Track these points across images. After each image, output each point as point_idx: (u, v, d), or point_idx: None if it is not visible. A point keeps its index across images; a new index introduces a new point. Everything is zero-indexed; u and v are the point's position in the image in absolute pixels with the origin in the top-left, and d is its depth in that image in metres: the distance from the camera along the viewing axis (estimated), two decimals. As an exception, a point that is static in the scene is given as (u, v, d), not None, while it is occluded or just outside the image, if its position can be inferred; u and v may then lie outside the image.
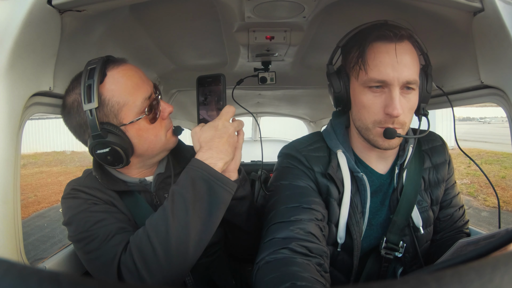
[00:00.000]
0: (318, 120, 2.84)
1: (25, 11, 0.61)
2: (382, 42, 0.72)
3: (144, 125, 0.76)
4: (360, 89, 0.76)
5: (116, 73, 0.73)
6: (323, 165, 0.83)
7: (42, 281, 0.18)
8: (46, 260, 0.86)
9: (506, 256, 0.21)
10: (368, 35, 0.73)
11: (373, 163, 0.86)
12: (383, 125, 0.75)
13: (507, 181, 7.11)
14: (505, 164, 8.05)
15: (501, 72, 0.77)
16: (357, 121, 0.81)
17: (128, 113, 0.73)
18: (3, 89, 0.61)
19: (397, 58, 0.71)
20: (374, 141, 0.78)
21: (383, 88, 0.74)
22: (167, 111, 0.81)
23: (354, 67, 0.76)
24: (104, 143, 0.71)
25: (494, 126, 15.70)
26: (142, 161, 0.82)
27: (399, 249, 0.82)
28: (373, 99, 0.75)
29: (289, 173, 0.84)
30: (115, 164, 0.76)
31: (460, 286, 0.18)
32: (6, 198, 0.63)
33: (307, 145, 0.88)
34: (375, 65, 0.72)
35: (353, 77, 0.78)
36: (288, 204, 0.78)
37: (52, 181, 9.18)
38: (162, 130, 0.80)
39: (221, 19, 0.94)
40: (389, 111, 0.72)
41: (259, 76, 1.32)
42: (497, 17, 0.69)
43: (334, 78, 0.82)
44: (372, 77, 0.72)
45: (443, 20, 0.80)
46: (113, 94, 0.72)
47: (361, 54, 0.73)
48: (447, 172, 0.91)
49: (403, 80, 0.71)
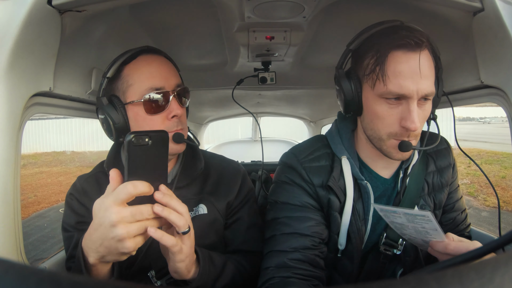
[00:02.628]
0: (318, 120, 2.84)
1: (25, 11, 0.61)
2: (402, 51, 0.66)
3: (141, 113, 0.76)
4: (375, 99, 0.71)
5: (143, 59, 0.78)
6: (324, 176, 0.81)
7: (42, 281, 0.18)
8: (46, 260, 0.86)
9: (506, 256, 0.21)
10: (387, 42, 0.67)
11: (379, 169, 0.84)
12: (399, 137, 0.71)
13: (507, 181, 7.11)
14: (505, 164, 8.05)
15: (501, 72, 0.77)
16: (369, 130, 0.76)
17: (132, 94, 0.76)
18: (3, 89, 0.61)
19: (419, 70, 0.66)
20: (387, 152, 0.75)
21: (400, 100, 0.69)
22: (173, 112, 0.77)
23: (369, 76, 0.71)
24: (102, 108, 0.76)
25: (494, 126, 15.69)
26: None
27: (398, 246, 0.81)
28: (388, 110, 0.70)
29: (288, 191, 0.82)
30: (108, 134, 0.79)
31: (461, 286, 0.18)
32: (6, 198, 0.63)
33: (308, 154, 0.84)
34: (394, 77, 0.66)
35: (367, 85, 0.73)
36: (285, 231, 0.78)
37: (52, 181, 9.18)
38: (160, 128, 0.76)
39: (221, 19, 0.94)
40: (406, 125, 0.68)
41: (259, 76, 1.32)
42: (497, 17, 0.69)
43: (345, 83, 0.76)
44: (391, 90, 0.67)
45: (443, 20, 0.80)
46: (129, 73, 0.77)
47: (380, 63, 0.68)
48: (451, 176, 0.90)
49: (422, 93, 0.67)
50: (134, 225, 0.52)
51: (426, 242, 0.68)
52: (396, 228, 0.72)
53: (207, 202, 0.84)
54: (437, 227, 0.61)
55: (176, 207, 0.56)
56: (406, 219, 0.65)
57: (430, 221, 0.61)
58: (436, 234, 0.63)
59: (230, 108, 2.50)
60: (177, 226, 0.56)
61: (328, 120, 2.62)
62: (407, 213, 0.64)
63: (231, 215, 0.89)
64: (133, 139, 0.51)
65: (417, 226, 0.65)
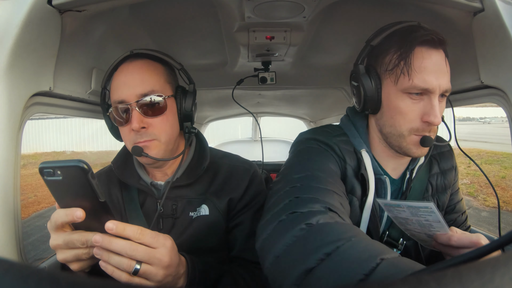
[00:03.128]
0: (318, 120, 2.84)
1: (25, 11, 0.61)
2: (426, 47, 0.68)
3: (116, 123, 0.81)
4: (398, 94, 0.71)
5: (122, 68, 0.78)
6: (353, 160, 0.77)
7: (42, 281, 0.18)
8: (46, 260, 0.86)
9: (506, 256, 0.21)
10: (411, 38, 0.68)
11: (389, 169, 0.83)
12: (420, 133, 0.71)
13: (507, 181, 7.11)
14: (505, 164, 8.05)
15: (501, 72, 0.77)
16: (388, 127, 0.75)
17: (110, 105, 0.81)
18: (3, 89, 0.61)
19: (440, 65, 0.68)
20: (407, 149, 0.74)
21: (422, 95, 0.70)
22: (132, 125, 0.74)
23: (392, 71, 0.71)
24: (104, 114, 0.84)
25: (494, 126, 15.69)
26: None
27: (398, 246, 0.81)
28: (411, 105, 0.70)
29: (318, 153, 0.74)
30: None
31: (460, 286, 0.18)
32: (6, 198, 0.63)
33: (335, 135, 0.80)
34: (420, 71, 0.68)
35: (389, 80, 0.72)
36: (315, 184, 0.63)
37: (52, 181, 9.16)
38: (127, 139, 0.78)
39: (221, 19, 0.94)
40: (430, 119, 0.69)
41: (259, 76, 1.32)
42: (497, 17, 0.69)
43: (365, 79, 0.75)
44: (416, 84, 0.68)
45: (443, 20, 0.80)
46: (111, 84, 0.79)
47: (405, 58, 0.68)
48: (453, 178, 0.91)
49: (443, 88, 0.69)
50: (69, 252, 0.53)
51: (430, 236, 0.68)
52: (400, 224, 0.71)
53: (209, 203, 0.83)
54: (440, 218, 0.62)
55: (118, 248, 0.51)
56: (410, 213, 0.65)
57: (433, 213, 0.61)
58: (439, 226, 0.64)
59: (230, 108, 2.50)
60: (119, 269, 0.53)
61: (328, 120, 2.62)
62: (410, 205, 0.64)
63: (233, 217, 0.84)
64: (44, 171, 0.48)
65: (420, 220, 0.65)
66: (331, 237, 0.47)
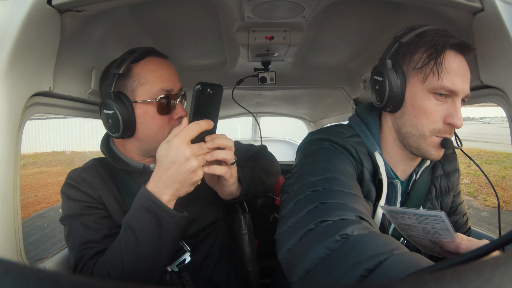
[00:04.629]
0: (318, 120, 2.84)
1: (25, 11, 0.61)
2: (456, 51, 0.70)
3: (152, 112, 0.79)
4: (424, 93, 0.71)
5: (151, 60, 0.82)
6: (369, 163, 0.75)
7: (42, 281, 0.18)
8: (46, 260, 0.86)
9: (506, 256, 0.21)
10: (443, 40, 0.69)
11: (399, 171, 0.82)
12: (442, 134, 0.72)
13: (507, 181, 7.11)
14: (505, 164, 8.05)
15: (501, 72, 0.77)
16: (408, 127, 0.74)
17: (143, 93, 0.79)
18: (3, 89, 0.61)
19: (466, 71, 0.70)
20: (426, 150, 0.73)
21: (446, 97, 0.71)
22: (178, 113, 0.82)
23: (421, 69, 0.71)
24: (110, 105, 0.77)
25: (494, 126, 15.68)
26: (142, 148, 0.84)
27: None
28: (436, 106, 0.71)
29: (334, 155, 0.72)
30: (112, 130, 0.80)
31: (460, 286, 0.18)
32: (6, 198, 0.63)
33: (350, 136, 0.77)
34: (449, 72, 0.69)
35: (416, 79, 0.72)
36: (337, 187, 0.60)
37: (52, 181, 9.18)
38: (166, 128, 0.81)
39: (221, 19, 0.94)
40: (453, 122, 0.69)
41: (259, 76, 1.32)
42: (497, 17, 0.69)
43: (392, 75, 0.73)
44: (445, 84, 0.68)
45: (442, 20, 0.80)
46: (139, 73, 0.79)
47: (436, 58, 0.69)
48: (456, 180, 0.91)
49: (465, 93, 0.71)
50: (200, 157, 0.67)
51: (434, 242, 0.67)
52: (403, 230, 0.70)
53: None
54: (449, 227, 0.60)
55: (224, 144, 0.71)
56: (416, 220, 0.64)
57: (443, 221, 0.60)
58: (447, 234, 0.62)
59: (230, 108, 2.50)
60: (226, 159, 0.71)
61: (328, 120, 2.62)
62: (418, 213, 0.62)
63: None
64: (199, 88, 0.65)
65: (427, 227, 0.64)
66: (372, 251, 0.43)
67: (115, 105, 0.77)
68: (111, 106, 0.77)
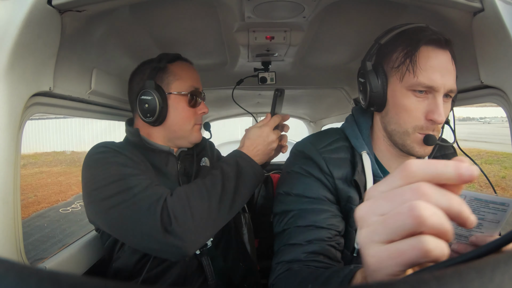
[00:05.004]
0: (318, 120, 2.84)
1: (25, 11, 0.61)
2: (433, 47, 0.70)
3: (182, 104, 0.94)
4: (403, 91, 0.73)
5: (182, 62, 0.98)
6: (345, 169, 0.79)
7: (42, 281, 0.18)
8: (46, 260, 0.86)
9: (506, 256, 0.21)
10: (418, 37, 0.70)
11: (392, 170, 0.83)
12: (424, 131, 0.72)
13: (507, 181, 7.11)
14: (505, 164, 8.05)
15: (501, 72, 0.77)
16: (392, 124, 0.76)
17: (177, 86, 0.93)
18: (3, 89, 0.61)
19: (445, 65, 0.70)
20: (410, 147, 0.74)
21: (427, 94, 0.71)
22: (202, 109, 0.99)
23: (398, 68, 0.73)
24: (151, 92, 0.89)
25: (494, 126, 15.69)
26: (167, 135, 0.95)
27: None
28: (415, 103, 0.72)
29: (303, 183, 0.79)
30: (147, 115, 0.90)
31: (460, 285, 0.18)
32: (6, 198, 0.63)
33: (327, 145, 0.82)
34: (425, 69, 0.69)
35: (395, 78, 0.74)
36: (299, 223, 0.75)
37: (52, 181, 9.19)
38: (192, 119, 0.96)
39: (221, 19, 0.94)
40: (434, 118, 0.69)
41: (259, 76, 1.32)
42: (497, 17, 0.69)
43: (372, 76, 0.76)
44: (420, 81, 0.69)
45: (443, 20, 0.80)
46: (174, 70, 0.94)
47: (410, 56, 0.70)
48: None
49: (448, 88, 0.70)
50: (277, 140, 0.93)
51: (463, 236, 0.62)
52: None
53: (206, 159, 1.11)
54: (504, 219, 0.56)
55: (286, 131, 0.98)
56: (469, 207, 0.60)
57: (505, 212, 0.56)
58: (493, 227, 0.58)
59: (230, 108, 2.50)
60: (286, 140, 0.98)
61: (328, 120, 2.62)
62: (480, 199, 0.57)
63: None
64: (277, 92, 0.91)
65: None
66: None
67: (155, 92, 0.89)
68: (150, 93, 0.89)
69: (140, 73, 0.95)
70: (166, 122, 0.92)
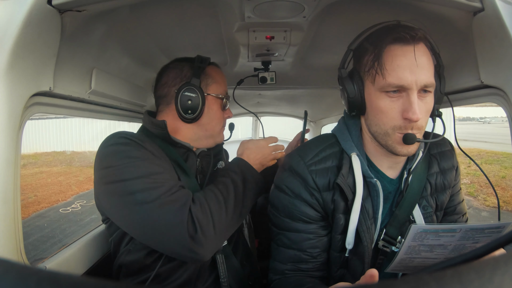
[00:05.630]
0: (318, 120, 2.84)
1: (25, 11, 0.61)
2: (399, 45, 0.70)
3: (217, 105, 1.00)
4: (377, 94, 0.74)
5: (216, 67, 1.05)
6: (331, 176, 0.80)
7: (42, 281, 0.18)
8: (46, 260, 0.86)
9: (506, 256, 0.21)
10: (383, 38, 0.71)
11: (384, 168, 0.84)
12: (403, 130, 0.72)
13: (507, 181, 7.11)
14: (505, 164, 8.05)
15: (501, 72, 0.77)
16: (373, 126, 0.78)
17: (214, 89, 0.99)
18: (3, 89, 0.61)
19: (415, 61, 0.69)
20: (392, 147, 0.75)
21: (401, 93, 0.71)
22: (228, 113, 1.07)
23: (369, 71, 0.74)
24: (195, 89, 0.93)
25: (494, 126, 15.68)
26: (198, 133, 0.99)
27: (396, 244, 0.81)
28: (390, 104, 0.72)
29: (289, 203, 0.83)
30: (188, 111, 0.93)
31: (460, 286, 0.18)
32: (6, 198, 0.63)
33: (314, 156, 0.83)
34: (392, 69, 0.69)
35: (368, 81, 0.75)
36: (283, 243, 0.84)
37: (52, 181, 9.19)
38: (222, 121, 1.04)
39: (221, 19, 0.94)
40: (408, 116, 0.69)
41: (259, 76, 1.32)
42: (497, 17, 0.69)
43: (347, 82, 0.78)
44: (390, 82, 0.70)
45: (443, 20, 0.80)
46: (211, 73, 0.99)
47: (377, 58, 0.71)
48: (454, 178, 0.90)
49: (421, 83, 0.69)
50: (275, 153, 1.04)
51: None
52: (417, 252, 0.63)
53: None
54: None
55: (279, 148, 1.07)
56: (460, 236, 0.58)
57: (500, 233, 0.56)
58: None
59: (230, 108, 2.49)
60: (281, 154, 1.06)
61: (328, 120, 2.62)
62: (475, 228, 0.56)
63: None
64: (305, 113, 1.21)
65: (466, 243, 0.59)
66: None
67: (200, 90, 0.93)
68: (195, 90, 0.92)
69: (175, 68, 0.97)
70: (200, 121, 0.97)
